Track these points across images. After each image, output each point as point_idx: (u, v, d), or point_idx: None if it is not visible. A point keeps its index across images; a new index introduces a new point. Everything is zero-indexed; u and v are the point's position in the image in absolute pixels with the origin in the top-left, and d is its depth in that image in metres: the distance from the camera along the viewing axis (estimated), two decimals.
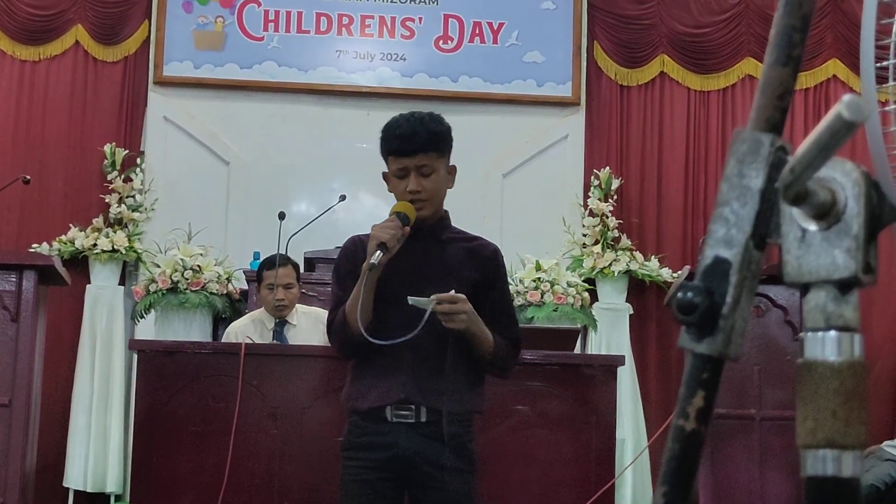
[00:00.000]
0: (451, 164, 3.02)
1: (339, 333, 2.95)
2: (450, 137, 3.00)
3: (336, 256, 3.16)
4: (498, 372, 3.05)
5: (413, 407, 2.88)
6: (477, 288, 2.93)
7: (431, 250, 2.98)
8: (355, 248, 3.03)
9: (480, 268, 3.01)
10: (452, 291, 2.82)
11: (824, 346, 0.84)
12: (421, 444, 2.87)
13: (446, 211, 3.07)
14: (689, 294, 0.86)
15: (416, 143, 2.90)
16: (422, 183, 2.91)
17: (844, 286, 0.84)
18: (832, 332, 0.84)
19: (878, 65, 1.73)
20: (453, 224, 3.10)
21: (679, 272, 6.86)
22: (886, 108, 1.84)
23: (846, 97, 0.77)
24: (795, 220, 0.85)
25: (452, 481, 2.88)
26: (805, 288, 0.85)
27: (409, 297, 2.79)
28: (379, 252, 2.79)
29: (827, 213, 0.84)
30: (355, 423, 2.99)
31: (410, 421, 2.88)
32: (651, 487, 6.87)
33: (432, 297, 2.79)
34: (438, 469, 2.86)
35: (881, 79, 1.81)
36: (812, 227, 0.85)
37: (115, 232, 7.11)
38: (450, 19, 7.75)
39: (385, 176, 3.00)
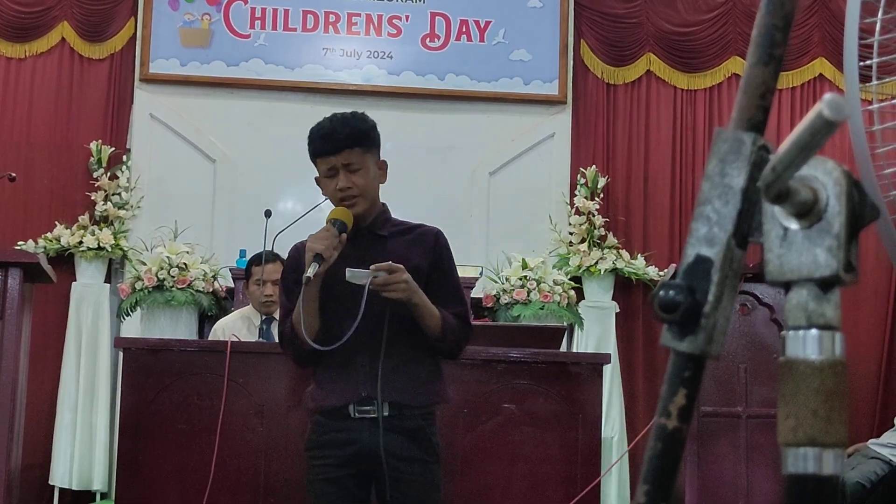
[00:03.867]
0: (381, 159, 3.03)
1: (290, 345, 2.97)
2: (374, 133, 3.01)
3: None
4: (448, 349, 3.00)
5: (375, 402, 2.88)
6: (426, 275, 2.94)
7: (373, 248, 2.96)
8: (299, 256, 2.99)
9: (425, 254, 3.00)
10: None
11: (805, 345, 0.84)
12: (384, 438, 2.86)
13: (384, 204, 3.08)
14: (671, 292, 0.86)
15: (339, 140, 2.93)
16: (351, 179, 2.93)
17: (826, 285, 0.84)
18: (813, 331, 0.84)
19: (862, 63, 1.74)
20: (394, 217, 3.11)
21: (665, 270, 6.87)
22: (870, 108, 1.85)
23: (827, 96, 0.78)
24: (777, 218, 0.85)
25: (417, 473, 2.90)
26: (787, 286, 0.85)
27: (346, 269, 2.78)
28: (315, 264, 2.78)
29: (808, 212, 0.84)
30: (318, 421, 2.99)
31: (373, 416, 2.88)
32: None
33: (370, 267, 2.78)
34: (403, 461, 2.88)
35: (865, 78, 1.81)
36: (794, 225, 0.85)
37: (100, 229, 7.08)
38: (436, 17, 7.74)
39: (317, 181, 3.02)
